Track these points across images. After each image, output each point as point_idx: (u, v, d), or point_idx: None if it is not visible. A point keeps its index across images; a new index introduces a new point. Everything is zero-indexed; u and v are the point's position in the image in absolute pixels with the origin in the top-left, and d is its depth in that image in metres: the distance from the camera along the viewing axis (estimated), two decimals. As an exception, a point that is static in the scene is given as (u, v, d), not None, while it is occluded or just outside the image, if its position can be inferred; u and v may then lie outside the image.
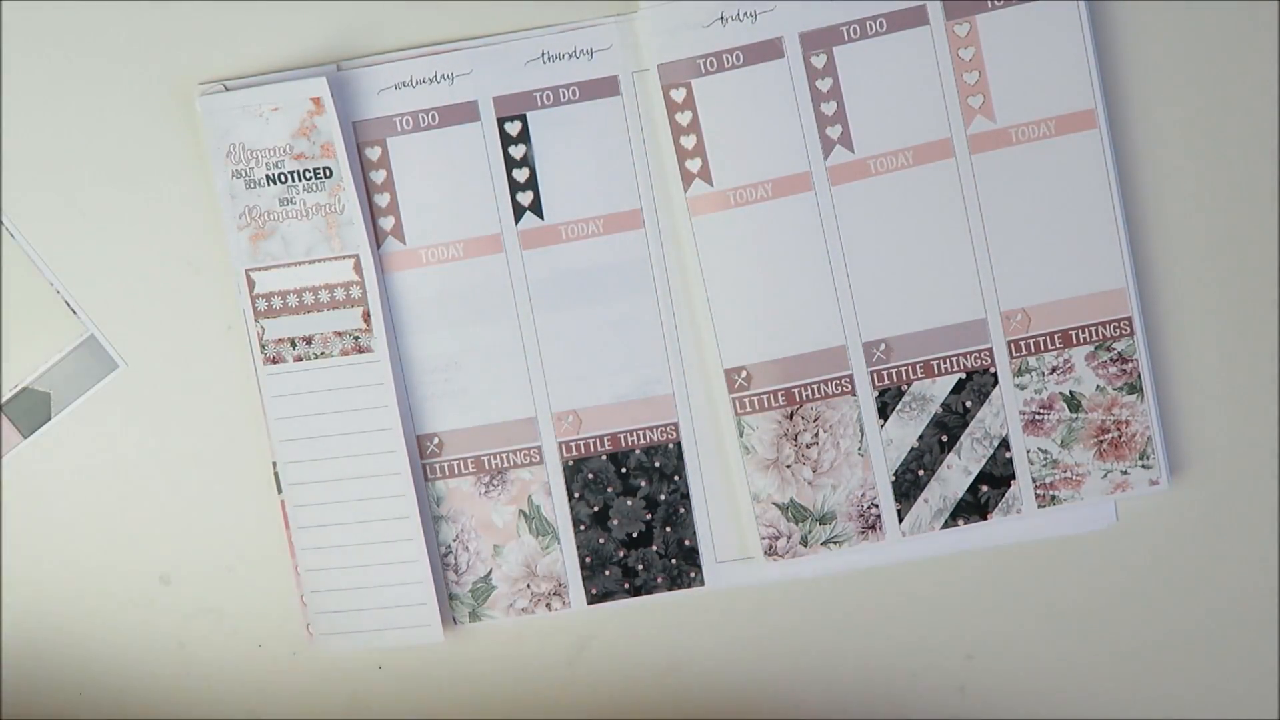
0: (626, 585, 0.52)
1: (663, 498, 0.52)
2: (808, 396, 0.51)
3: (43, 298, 0.52)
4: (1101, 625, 0.52)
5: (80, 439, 0.53)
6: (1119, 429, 0.51)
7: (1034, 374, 0.51)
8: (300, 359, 0.51)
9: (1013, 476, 0.51)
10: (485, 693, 0.53)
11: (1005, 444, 0.51)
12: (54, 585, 0.53)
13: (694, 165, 0.51)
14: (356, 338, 0.51)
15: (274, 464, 0.52)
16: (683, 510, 0.52)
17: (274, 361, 0.51)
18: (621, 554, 0.52)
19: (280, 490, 0.52)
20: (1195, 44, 0.51)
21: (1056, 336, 0.51)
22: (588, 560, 0.52)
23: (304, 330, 0.51)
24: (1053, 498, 0.51)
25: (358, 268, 0.51)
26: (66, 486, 0.53)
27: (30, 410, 0.52)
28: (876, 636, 0.52)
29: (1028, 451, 0.51)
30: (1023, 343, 0.51)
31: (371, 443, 0.51)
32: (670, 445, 0.52)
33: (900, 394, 0.51)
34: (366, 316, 0.51)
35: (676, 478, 0.52)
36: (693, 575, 0.52)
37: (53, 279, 0.52)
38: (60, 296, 0.52)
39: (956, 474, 0.51)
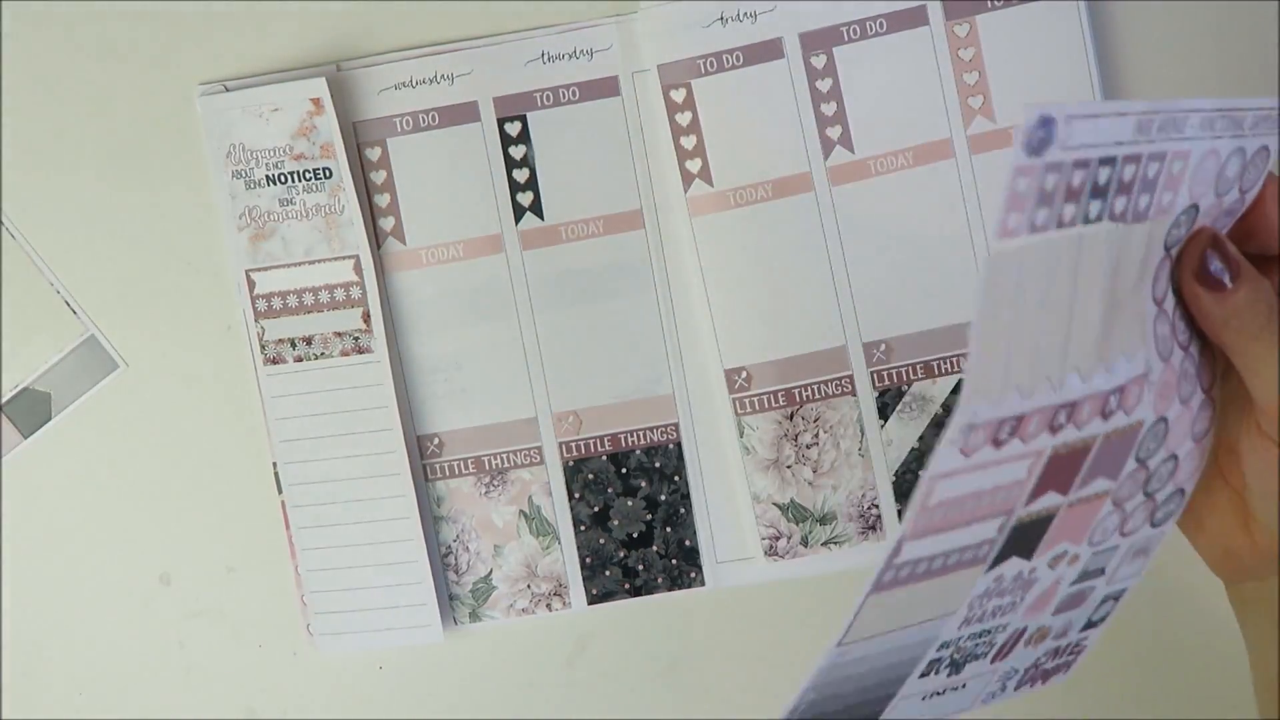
0: (626, 585, 0.52)
1: (663, 498, 0.52)
2: (808, 397, 0.51)
3: (43, 297, 0.52)
4: (1101, 625, 0.52)
5: (80, 439, 0.53)
6: (1119, 429, 0.51)
7: (1034, 374, 0.51)
8: (300, 359, 0.51)
9: (1013, 477, 0.51)
10: (485, 693, 0.53)
11: (1005, 444, 0.51)
12: (54, 585, 0.53)
13: (694, 165, 0.51)
14: (356, 338, 0.51)
15: (274, 464, 0.52)
16: (683, 511, 0.52)
17: (274, 362, 0.51)
18: (622, 554, 0.52)
19: (280, 490, 0.52)
20: (1195, 44, 0.51)
21: (1056, 337, 0.51)
22: (588, 560, 0.52)
23: (304, 331, 0.51)
24: (1053, 498, 0.51)
25: (358, 268, 0.51)
26: (67, 486, 0.53)
27: (30, 410, 0.52)
28: (876, 636, 0.52)
29: (1028, 452, 0.51)
30: (1023, 343, 0.51)
31: (371, 443, 0.51)
32: (670, 446, 0.52)
33: (901, 394, 0.51)
34: (366, 317, 0.51)
35: (677, 478, 0.52)
36: (693, 575, 0.52)
37: (53, 279, 0.52)
38: (60, 296, 0.52)
39: (957, 474, 0.51)
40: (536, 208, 0.51)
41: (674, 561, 0.52)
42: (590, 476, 0.52)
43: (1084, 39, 0.50)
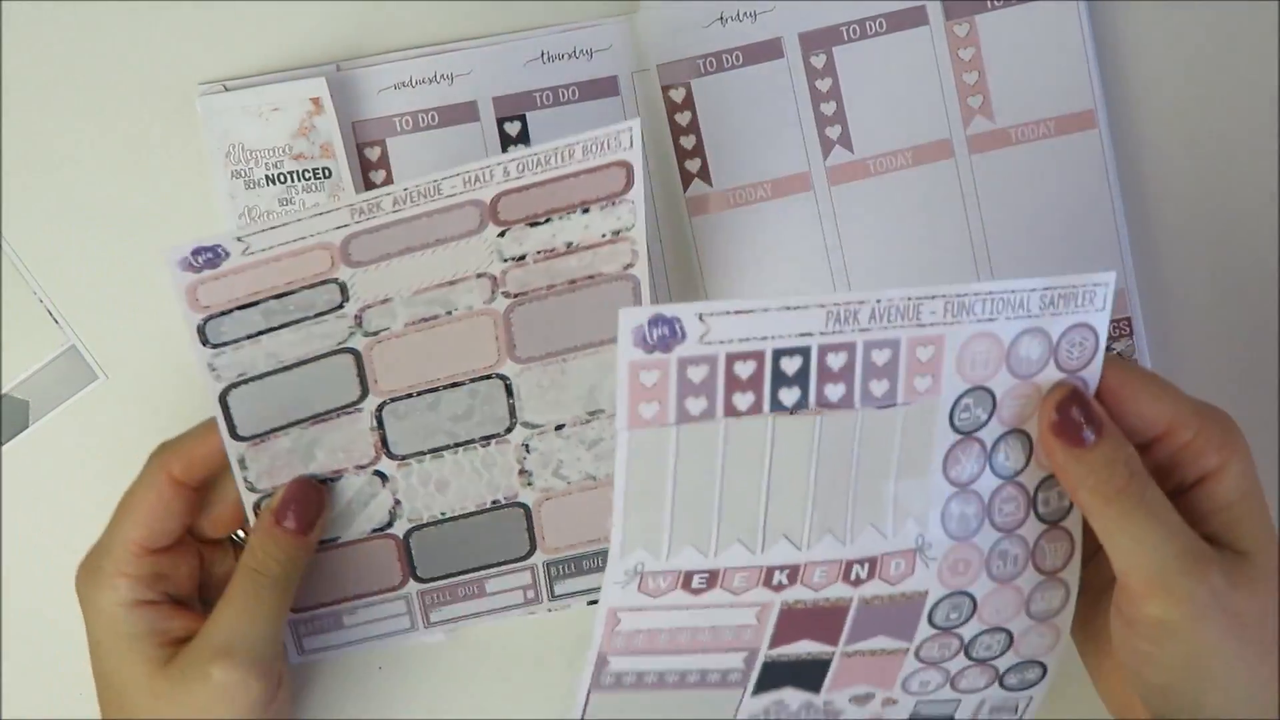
0: (626, 585, 0.52)
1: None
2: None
3: (25, 301, 0.52)
4: (1101, 625, 0.52)
5: (80, 435, 0.53)
6: (1119, 429, 0.51)
7: (1034, 374, 0.51)
8: (300, 359, 0.51)
9: (1012, 476, 0.51)
10: (485, 693, 0.53)
11: (1005, 444, 0.51)
12: (55, 584, 0.53)
13: (694, 165, 0.51)
14: (356, 338, 0.51)
15: (274, 464, 0.52)
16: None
17: (274, 362, 0.51)
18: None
19: (280, 490, 0.52)
20: (1195, 44, 0.51)
21: (1056, 336, 0.51)
22: (588, 561, 0.52)
23: (304, 330, 0.51)
24: (1053, 498, 0.51)
25: (357, 268, 0.51)
26: (67, 484, 0.53)
27: (25, 411, 0.53)
28: (876, 636, 0.52)
29: (1028, 451, 0.51)
30: (1023, 343, 0.51)
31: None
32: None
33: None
34: (366, 317, 0.51)
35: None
36: (693, 575, 0.52)
37: (35, 286, 0.52)
38: (43, 305, 0.52)
39: (956, 474, 0.51)
40: (536, 207, 0.51)
41: (674, 561, 0.52)
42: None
43: (1084, 39, 0.50)
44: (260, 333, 0.43)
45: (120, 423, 0.52)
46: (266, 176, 0.50)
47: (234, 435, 0.44)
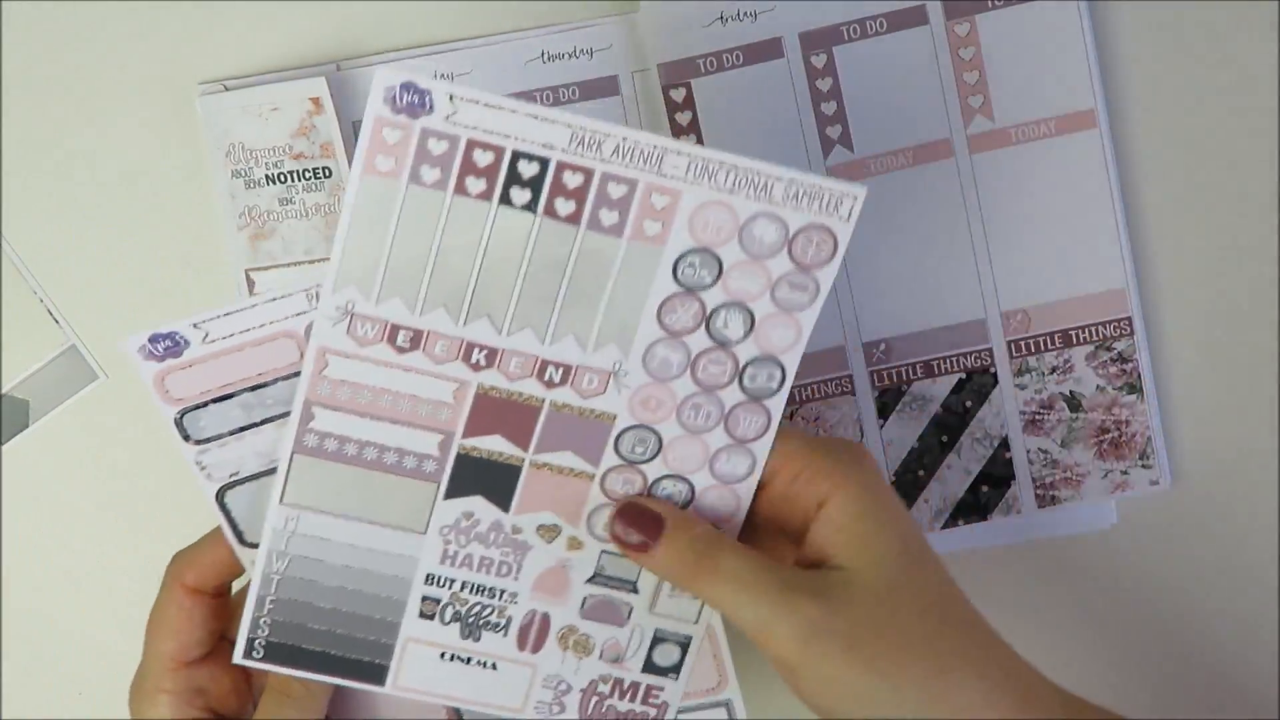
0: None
1: (663, 498, 0.52)
2: (807, 396, 0.51)
3: (25, 301, 0.52)
4: (1101, 625, 0.52)
5: (80, 435, 0.53)
6: (1119, 429, 0.51)
7: (1034, 374, 0.51)
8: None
9: (1013, 476, 0.51)
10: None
11: (1005, 444, 0.51)
12: (54, 584, 0.53)
13: (694, 165, 0.51)
14: (356, 338, 0.51)
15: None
16: (683, 510, 0.52)
17: (274, 361, 0.51)
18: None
19: (280, 490, 0.52)
20: (1195, 44, 0.51)
21: (1056, 336, 0.51)
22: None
23: (304, 330, 0.51)
24: (1053, 498, 0.51)
25: (357, 268, 0.51)
26: (69, 484, 0.53)
27: (28, 410, 0.53)
28: (876, 636, 0.52)
29: (1028, 451, 0.51)
30: (1023, 343, 0.51)
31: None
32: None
33: (900, 394, 0.51)
34: (366, 317, 0.51)
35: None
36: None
37: (35, 286, 0.52)
38: (44, 304, 0.52)
39: (956, 474, 0.51)
40: (536, 207, 0.51)
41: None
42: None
43: (1084, 39, 0.50)
44: (243, 428, 0.42)
45: (120, 423, 0.53)
46: (266, 176, 0.50)
47: (242, 541, 0.43)
